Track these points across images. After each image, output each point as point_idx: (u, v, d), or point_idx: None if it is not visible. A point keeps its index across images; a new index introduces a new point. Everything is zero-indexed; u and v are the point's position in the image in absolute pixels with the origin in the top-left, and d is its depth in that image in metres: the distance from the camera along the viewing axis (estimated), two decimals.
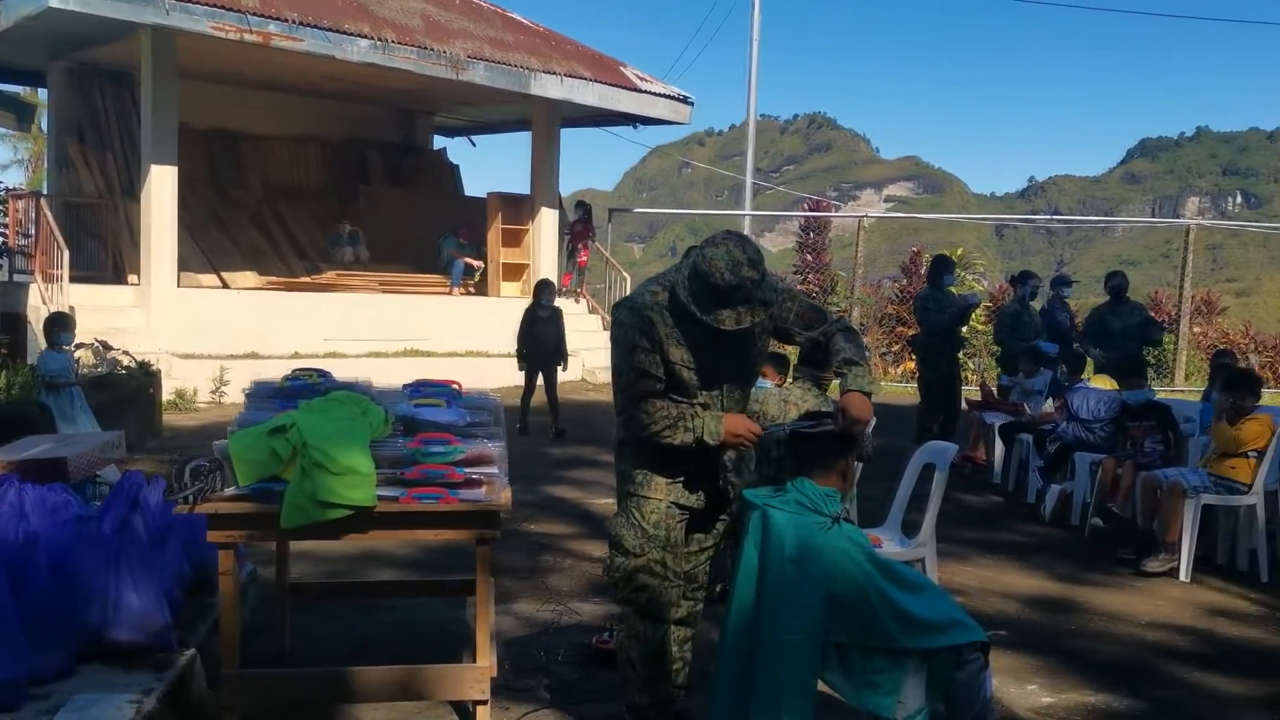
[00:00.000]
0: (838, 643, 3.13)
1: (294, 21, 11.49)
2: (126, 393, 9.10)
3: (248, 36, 11.27)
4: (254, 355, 12.10)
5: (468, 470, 3.55)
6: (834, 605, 3.12)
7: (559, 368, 10.42)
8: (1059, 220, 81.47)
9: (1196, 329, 18.42)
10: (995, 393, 9.66)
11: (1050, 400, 8.43)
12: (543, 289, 10.55)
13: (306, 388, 4.00)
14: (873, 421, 3.30)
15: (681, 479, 3.41)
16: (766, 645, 3.13)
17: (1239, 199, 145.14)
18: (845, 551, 3.15)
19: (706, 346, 3.27)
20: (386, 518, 3.44)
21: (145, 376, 9.55)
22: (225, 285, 13.45)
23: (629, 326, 3.27)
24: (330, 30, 11.77)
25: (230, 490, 3.46)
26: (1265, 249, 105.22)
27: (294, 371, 4.12)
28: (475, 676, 3.55)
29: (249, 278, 13.75)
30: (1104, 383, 7.67)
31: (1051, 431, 7.70)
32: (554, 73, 13.77)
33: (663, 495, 3.39)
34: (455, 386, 4.12)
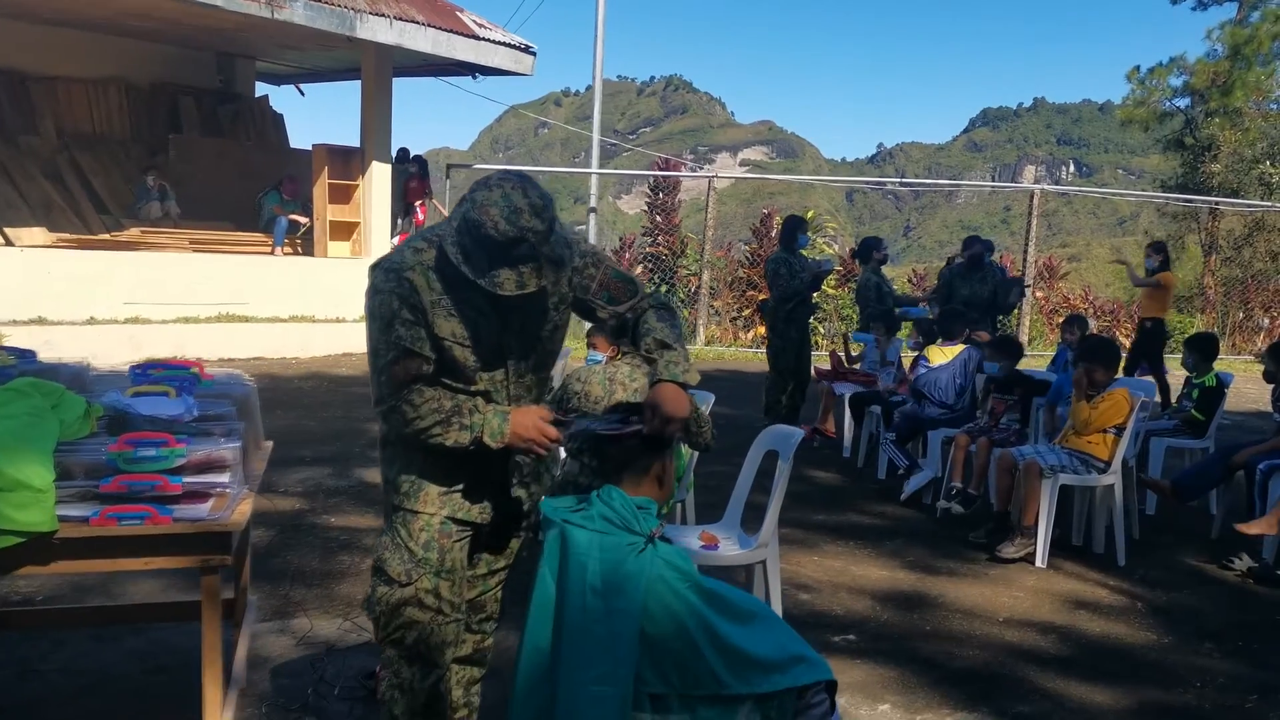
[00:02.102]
0: (653, 693, 2.51)
1: None
2: None
3: None
4: (41, 321, 10.81)
5: (188, 480, 2.77)
6: (649, 647, 2.49)
7: None
8: (913, 184, 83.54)
9: (1039, 294, 18.64)
10: (845, 361, 9.26)
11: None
12: None
13: None
14: (704, 413, 2.62)
15: (460, 487, 2.70)
16: (566, 698, 2.48)
17: (1072, 168, 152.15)
18: (662, 579, 2.52)
19: (486, 318, 2.56)
20: (72, 546, 2.64)
21: None
22: (9, 242, 12.01)
23: (386, 293, 2.51)
24: None
25: None
26: (1095, 216, 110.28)
27: None
28: None
29: (38, 234, 12.32)
30: (940, 354, 7.21)
31: (901, 403, 7.29)
32: (383, 15, 12.70)
33: (435, 509, 2.67)
34: (195, 369, 3.32)
